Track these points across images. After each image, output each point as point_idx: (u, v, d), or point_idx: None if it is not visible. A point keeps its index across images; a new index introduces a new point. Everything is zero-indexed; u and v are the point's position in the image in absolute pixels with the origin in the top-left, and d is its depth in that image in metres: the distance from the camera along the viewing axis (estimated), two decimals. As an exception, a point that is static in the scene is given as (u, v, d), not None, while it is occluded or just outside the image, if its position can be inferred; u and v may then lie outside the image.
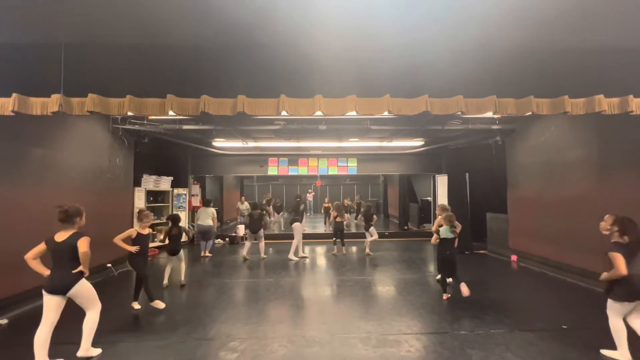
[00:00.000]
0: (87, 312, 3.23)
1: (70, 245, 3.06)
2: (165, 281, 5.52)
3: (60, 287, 3.03)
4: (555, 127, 6.27)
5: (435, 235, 4.90)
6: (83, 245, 3.06)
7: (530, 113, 3.89)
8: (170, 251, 5.48)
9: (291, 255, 7.62)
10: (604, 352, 3.20)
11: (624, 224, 3.10)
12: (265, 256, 7.69)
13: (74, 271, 3.06)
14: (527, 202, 7.12)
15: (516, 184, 7.57)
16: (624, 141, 5.01)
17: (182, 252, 5.57)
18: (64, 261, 3.06)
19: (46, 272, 3.08)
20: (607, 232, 3.24)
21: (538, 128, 6.73)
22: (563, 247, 5.97)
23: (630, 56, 3.79)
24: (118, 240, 4.41)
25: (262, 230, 7.61)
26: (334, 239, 8.24)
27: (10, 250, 4.40)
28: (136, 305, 4.54)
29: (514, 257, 7.43)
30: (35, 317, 4.26)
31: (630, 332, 3.10)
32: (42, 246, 3.10)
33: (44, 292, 3.05)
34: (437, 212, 6.18)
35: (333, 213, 8.26)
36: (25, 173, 4.73)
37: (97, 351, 3.31)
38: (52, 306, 3.04)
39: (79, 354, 3.19)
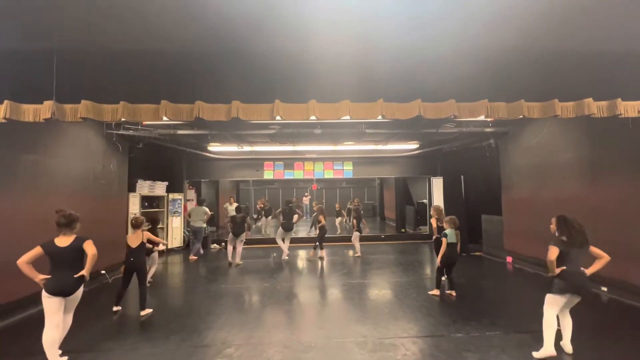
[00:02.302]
0: (66, 319, 3.30)
1: (75, 249, 3.15)
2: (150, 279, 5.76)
3: (66, 289, 3.11)
4: (547, 130, 6.36)
5: (444, 240, 4.97)
6: (91, 247, 3.16)
7: (521, 116, 3.94)
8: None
9: (284, 257, 7.90)
10: (535, 354, 3.26)
11: (558, 223, 3.38)
12: (241, 262, 7.46)
13: (75, 275, 3.12)
14: (521, 204, 7.19)
15: (510, 186, 7.64)
16: (615, 143, 5.09)
17: (155, 254, 5.76)
18: (68, 265, 3.12)
19: (38, 277, 3.06)
20: (555, 233, 3.46)
21: (531, 131, 6.82)
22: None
23: (618, 60, 3.86)
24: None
25: (244, 234, 7.46)
26: (316, 243, 8.00)
27: (3, 257, 4.34)
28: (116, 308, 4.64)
29: (509, 259, 7.48)
30: (27, 326, 4.23)
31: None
32: (37, 250, 3.08)
33: (45, 294, 3.06)
34: (431, 212, 6.33)
35: (320, 217, 8.02)
36: (18, 180, 4.68)
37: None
38: (54, 308, 3.09)
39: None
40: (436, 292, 5.10)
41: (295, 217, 7.96)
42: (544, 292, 3.28)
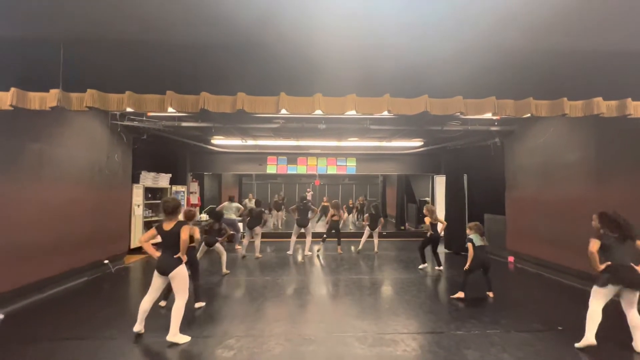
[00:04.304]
0: (177, 298, 3.50)
1: (175, 233, 3.48)
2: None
3: (165, 268, 3.47)
4: (553, 129, 6.30)
5: (470, 246, 4.93)
6: (184, 232, 3.46)
7: (529, 115, 3.90)
8: (207, 243, 5.94)
9: (307, 252, 7.93)
10: (576, 345, 3.34)
11: (601, 219, 3.42)
12: (260, 255, 7.65)
13: (175, 256, 3.45)
14: (525, 204, 7.14)
15: (514, 185, 7.59)
16: (621, 144, 5.03)
17: (218, 244, 5.99)
18: (169, 246, 3.49)
19: (155, 254, 3.55)
20: (600, 231, 3.45)
21: (537, 130, 6.75)
22: (560, 248, 6.00)
23: (628, 59, 3.79)
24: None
25: (258, 227, 7.56)
26: (324, 236, 8.10)
27: (8, 245, 4.39)
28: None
29: (511, 259, 7.46)
30: (32, 312, 4.29)
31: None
32: (152, 231, 3.57)
33: (155, 271, 3.55)
34: (424, 212, 6.51)
35: (332, 211, 8.19)
36: (23, 168, 4.71)
37: (185, 338, 3.46)
38: (154, 283, 3.56)
39: (168, 338, 3.41)
40: (460, 294, 4.87)
41: (310, 213, 8.08)
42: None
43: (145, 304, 3.56)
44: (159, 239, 3.59)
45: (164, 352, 3.30)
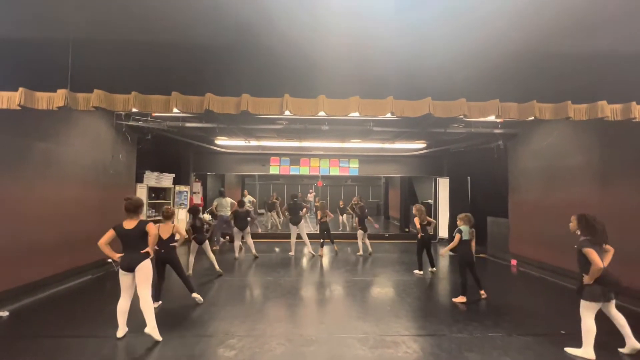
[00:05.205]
0: (140, 295, 3.50)
1: (140, 231, 3.52)
2: (190, 271, 5.94)
3: (130, 264, 3.47)
4: (557, 133, 6.28)
5: (458, 236, 4.90)
6: (152, 229, 3.54)
7: (532, 118, 3.90)
8: (198, 242, 5.96)
9: (311, 250, 7.93)
10: (569, 350, 3.31)
11: (581, 223, 3.32)
12: (257, 255, 7.59)
13: (141, 251, 3.50)
14: (528, 207, 7.12)
15: (518, 188, 7.57)
16: (625, 148, 5.01)
17: (207, 242, 5.99)
18: (134, 245, 3.51)
19: (115, 256, 3.51)
20: (576, 232, 3.41)
21: (540, 133, 6.73)
22: (563, 252, 5.95)
23: (633, 62, 3.79)
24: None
25: (248, 227, 7.52)
26: (322, 240, 7.96)
27: (13, 243, 4.44)
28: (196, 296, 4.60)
29: (513, 262, 7.42)
30: (36, 310, 4.33)
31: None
32: (111, 232, 3.51)
33: (120, 270, 3.53)
34: (413, 211, 6.47)
35: (319, 213, 8.11)
36: (29, 167, 4.76)
37: (159, 337, 3.49)
38: (126, 283, 3.55)
39: (147, 330, 3.45)
40: (462, 299, 4.77)
41: (303, 210, 8.04)
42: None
43: (122, 306, 3.57)
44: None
45: (165, 350, 3.32)
